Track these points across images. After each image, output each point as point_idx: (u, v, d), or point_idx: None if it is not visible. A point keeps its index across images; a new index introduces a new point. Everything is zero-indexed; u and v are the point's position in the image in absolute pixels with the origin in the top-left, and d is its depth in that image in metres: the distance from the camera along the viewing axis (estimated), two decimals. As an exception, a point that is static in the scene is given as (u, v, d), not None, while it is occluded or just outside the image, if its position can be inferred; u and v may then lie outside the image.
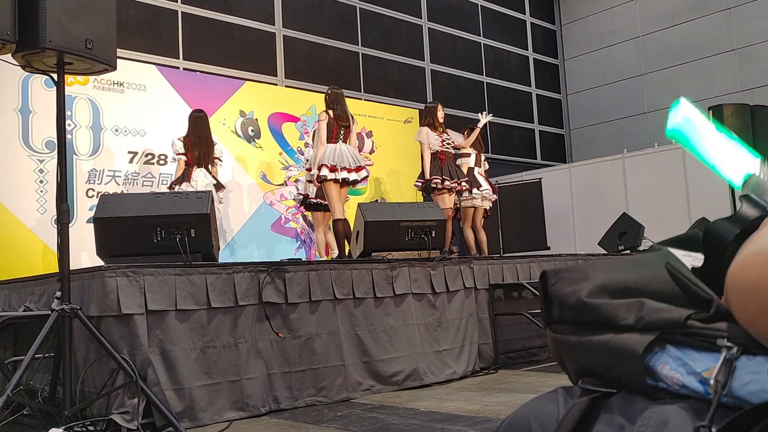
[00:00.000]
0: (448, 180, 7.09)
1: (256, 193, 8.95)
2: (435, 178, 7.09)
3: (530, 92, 14.69)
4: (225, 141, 8.60)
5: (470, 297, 5.37)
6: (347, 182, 6.27)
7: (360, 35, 11.45)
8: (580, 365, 0.69)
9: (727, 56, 12.79)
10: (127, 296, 3.64)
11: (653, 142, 11.84)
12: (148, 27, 8.98)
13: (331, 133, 6.32)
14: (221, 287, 4.00)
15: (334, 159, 6.18)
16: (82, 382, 3.69)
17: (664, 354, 0.62)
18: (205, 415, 3.80)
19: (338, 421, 3.72)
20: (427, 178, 7.13)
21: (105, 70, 3.69)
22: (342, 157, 6.22)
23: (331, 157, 6.19)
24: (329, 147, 6.26)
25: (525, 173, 12.61)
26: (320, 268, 4.52)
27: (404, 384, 4.69)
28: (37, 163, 7.28)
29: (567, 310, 0.70)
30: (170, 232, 4.01)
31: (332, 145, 6.29)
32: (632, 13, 14.17)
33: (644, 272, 0.67)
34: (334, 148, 6.26)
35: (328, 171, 6.15)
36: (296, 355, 4.26)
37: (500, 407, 3.85)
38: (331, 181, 6.18)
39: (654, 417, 0.59)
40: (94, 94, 7.74)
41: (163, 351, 3.74)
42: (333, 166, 6.16)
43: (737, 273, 0.57)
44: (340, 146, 6.30)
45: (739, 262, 0.57)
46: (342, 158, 6.21)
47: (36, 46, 3.26)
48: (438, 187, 7.07)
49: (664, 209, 10.14)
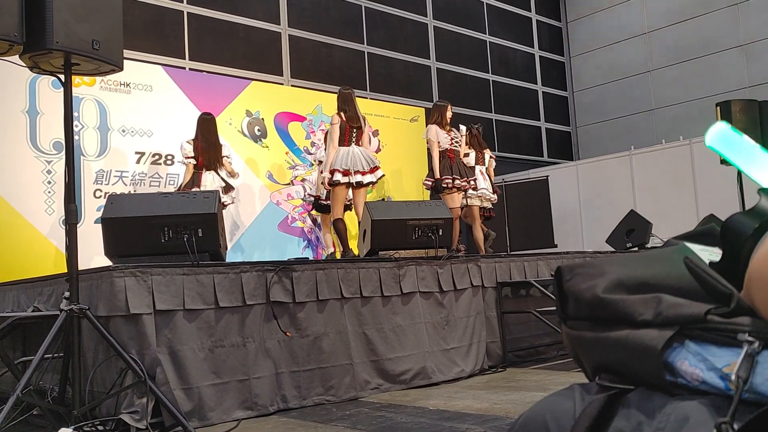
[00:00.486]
0: (459, 179, 7.06)
1: (263, 193, 8.96)
2: (446, 178, 7.03)
3: (536, 90, 14.66)
4: (231, 141, 8.60)
5: (478, 295, 5.35)
6: (361, 185, 6.23)
7: (366, 34, 11.45)
8: (597, 361, 0.68)
9: (734, 52, 12.73)
10: (136, 296, 3.65)
11: (660, 139, 11.80)
12: (154, 28, 9.00)
13: (343, 136, 6.28)
14: (229, 287, 4.00)
15: (347, 163, 6.15)
16: (91, 382, 3.70)
17: (683, 350, 0.61)
18: (214, 415, 3.80)
19: (346, 420, 3.71)
20: (437, 177, 7.06)
21: (112, 71, 3.70)
22: (355, 160, 6.19)
23: (344, 161, 6.15)
24: (342, 150, 6.22)
25: (532, 171, 12.59)
26: (327, 267, 4.52)
27: (412, 383, 4.69)
28: (45, 164, 7.30)
29: (583, 305, 0.69)
30: (178, 231, 4.01)
31: (345, 148, 6.24)
32: (638, 10, 14.12)
33: (661, 267, 0.66)
34: (347, 151, 6.22)
35: (341, 175, 6.12)
36: (304, 354, 4.25)
37: (508, 405, 3.84)
38: (343, 184, 6.16)
39: (674, 413, 0.58)
40: (101, 95, 7.76)
41: (171, 350, 3.74)
42: (346, 170, 6.13)
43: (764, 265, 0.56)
44: (353, 149, 6.26)
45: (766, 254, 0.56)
46: (355, 161, 6.18)
47: (43, 47, 3.27)
48: (449, 186, 7.03)
49: (672, 206, 10.10)
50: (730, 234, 0.67)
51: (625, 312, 0.64)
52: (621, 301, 0.65)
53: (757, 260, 0.57)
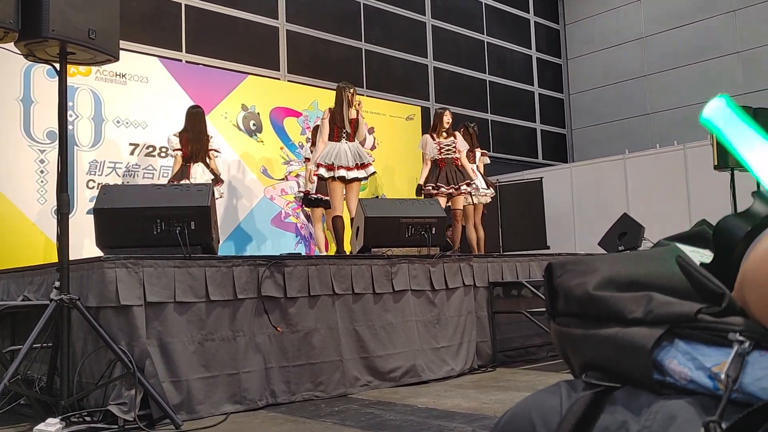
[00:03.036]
0: (444, 186, 7.09)
1: (257, 188, 8.93)
2: (429, 184, 7.16)
3: (533, 91, 14.67)
4: (226, 135, 8.58)
5: (469, 294, 5.36)
6: (344, 180, 6.12)
7: (363, 31, 11.43)
8: (585, 359, 0.68)
9: (730, 59, 12.77)
10: (126, 287, 3.63)
11: (655, 143, 11.83)
12: (151, 19, 8.96)
13: (333, 131, 6.22)
14: (220, 280, 3.99)
15: (331, 158, 6.06)
16: (80, 373, 3.68)
17: (672, 348, 0.61)
18: (203, 408, 3.79)
19: (335, 416, 3.71)
20: (419, 183, 7.25)
21: (107, 61, 3.69)
22: (340, 156, 6.08)
23: (328, 156, 6.07)
24: (329, 145, 6.16)
25: (526, 172, 12.60)
26: (320, 263, 4.51)
27: (402, 380, 4.69)
28: (38, 154, 7.27)
29: (573, 302, 0.68)
30: (170, 224, 4.00)
31: (333, 143, 6.16)
32: (636, 14, 14.15)
33: (652, 266, 0.66)
34: (334, 146, 6.14)
35: (325, 170, 6.07)
36: (294, 349, 4.25)
37: (497, 405, 3.85)
38: (335, 180, 6.09)
39: (661, 412, 0.58)
40: (96, 85, 7.73)
41: (161, 343, 3.73)
42: (329, 164, 6.06)
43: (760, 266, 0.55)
44: (341, 145, 6.17)
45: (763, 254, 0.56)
46: (340, 157, 6.08)
47: (38, 35, 3.25)
48: (432, 193, 7.09)
49: (665, 210, 10.13)
50: (722, 236, 0.67)
51: (616, 309, 0.64)
52: (611, 298, 0.65)
53: (752, 260, 0.57)
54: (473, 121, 8.85)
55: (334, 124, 6.21)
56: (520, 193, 11.05)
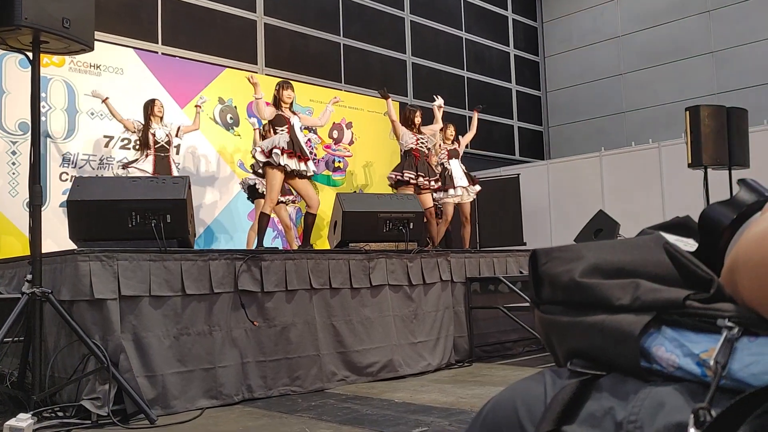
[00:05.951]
0: (423, 177, 7.05)
1: (234, 181, 8.86)
2: (408, 172, 7.06)
3: (510, 88, 14.73)
4: (203, 128, 8.49)
5: (447, 290, 5.37)
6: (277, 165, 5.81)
7: (342, 26, 11.39)
8: (571, 347, 0.67)
9: (704, 59, 12.93)
10: (101, 281, 3.58)
11: (630, 141, 11.94)
12: (128, 10, 8.84)
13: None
14: (197, 274, 3.95)
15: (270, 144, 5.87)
16: (52, 367, 3.63)
17: (659, 335, 0.60)
18: (178, 403, 3.75)
19: (312, 411, 3.69)
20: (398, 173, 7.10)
21: (82, 50, 3.62)
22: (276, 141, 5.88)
23: (267, 143, 5.88)
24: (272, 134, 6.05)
25: (503, 169, 12.66)
26: (297, 257, 4.49)
27: (379, 375, 4.69)
28: (10, 145, 7.14)
29: (559, 289, 0.68)
30: (146, 217, 3.95)
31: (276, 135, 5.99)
32: (613, 13, 14.26)
33: (638, 254, 0.66)
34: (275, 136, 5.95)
35: (262, 155, 5.83)
36: (271, 344, 4.23)
37: (474, 399, 3.86)
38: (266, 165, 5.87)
39: (648, 398, 0.57)
40: (70, 76, 7.60)
41: (136, 337, 3.69)
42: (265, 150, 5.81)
43: (754, 249, 0.55)
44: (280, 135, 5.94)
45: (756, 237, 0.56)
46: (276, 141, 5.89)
47: (11, 23, 3.19)
48: (410, 182, 7.02)
49: (640, 207, 10.23)
50: (708, 224, 0.66)
51: (602, 296, 0.63)
52: (598, 285, 0.64)
53: (744, 244, 0.57)
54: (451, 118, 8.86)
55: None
56: (497, 190, 11.09)
